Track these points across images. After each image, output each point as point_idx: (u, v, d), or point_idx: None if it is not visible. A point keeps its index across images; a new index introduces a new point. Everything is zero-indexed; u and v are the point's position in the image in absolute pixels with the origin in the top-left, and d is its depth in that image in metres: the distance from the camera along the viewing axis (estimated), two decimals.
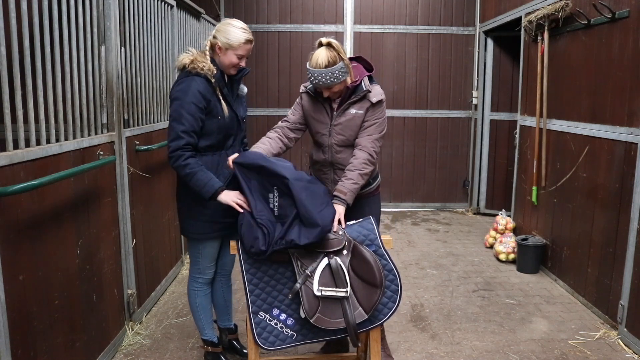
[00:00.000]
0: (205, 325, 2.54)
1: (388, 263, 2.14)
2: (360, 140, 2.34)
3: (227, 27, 2.24)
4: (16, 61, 1.87)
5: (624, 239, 2.90)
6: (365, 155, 2.30)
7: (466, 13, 5.79)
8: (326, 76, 2.20)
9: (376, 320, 2.09)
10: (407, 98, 5.90)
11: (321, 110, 2.40)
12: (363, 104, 2.34)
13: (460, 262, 4.27)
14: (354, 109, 2.34)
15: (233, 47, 2.22)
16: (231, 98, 2.35)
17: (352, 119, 2.34)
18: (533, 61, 4.19)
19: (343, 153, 2.39)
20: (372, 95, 2.33)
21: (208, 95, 2.21)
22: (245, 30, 2.26)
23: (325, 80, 2.21)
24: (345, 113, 2.35)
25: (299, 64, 5.84)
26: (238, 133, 2.41)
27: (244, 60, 2.29)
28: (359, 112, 2.34)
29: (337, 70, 2.21)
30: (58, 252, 2.14)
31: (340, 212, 2.16)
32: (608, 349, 2.83)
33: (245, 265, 2.09)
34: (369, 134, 2.34)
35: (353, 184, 2.26)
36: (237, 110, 2.39)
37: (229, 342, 2.72)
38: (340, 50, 2.24)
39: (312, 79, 2.23)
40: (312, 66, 2.22)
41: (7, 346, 1.76)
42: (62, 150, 2.17)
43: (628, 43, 2.92)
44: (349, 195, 2.23)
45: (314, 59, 2.22)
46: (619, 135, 2.99)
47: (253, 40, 2.31)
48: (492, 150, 5.81)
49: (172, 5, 3.68)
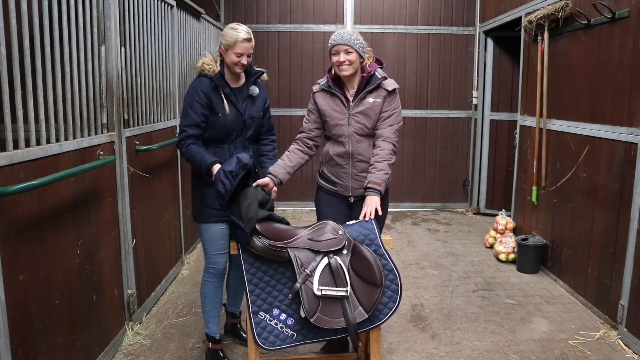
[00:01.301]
0: (209, 318, 2.62)
1: (388, 263, 2.14)
2: (383, 132, 2.39)
3: (225, 30, 2.45)
4: (16, 61, 1.87)
5: (624, 239, 2.90)
6: (390, 146, 2.37)
7: (466, 13, 5.79)
8: (349, 35, 2.33)
9: (376, 320, 2.09)
10: (407, 98, 5.90)
11: (337, 102, 2.45)
12: (379, 93, 2.40)
13: (460, 262, 4.26)
14: (372, 98, 2.40)
15: (230, 46, 2.41)
16: (235, 97, 2.51)
17: (371, 107, 2.40)
18: (533, 61, 4.19)
19: (362, 143, 2.44)
20: (387, 83, 2.41)
21: (210, 94, 2.45)
22: (240, 29, 2.41)
23: (349, 38, 2.32)
24: (363, 102, 2.41)
25: (299, 64, 5.84)
26: (243, 130, 2.55)
27: (244, 58, 2.43)
28: (377, 100, 2.40)
29: (356, 37, 2.35)
30: (58, 252, 2.14)
31: (376, 202, 2.23)
32: (608, 349, 2.83)
33: (245, 265, 2.09)
34: (390, 124, 2.40)
35: (385, 174, 2.32)
36: (244, 109, 2.53)
37: (232, 326, 2.91)
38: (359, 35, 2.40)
39: (335, 36, 2.35)
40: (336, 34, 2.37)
41: (7, 346, 1.76)
42: (62, 150, 2.17)
43: (628, 43, 2.92)
44: (382, 185, 2.30)
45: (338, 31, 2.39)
46: (619, 135, 2.98)
47: (250, 39, 2.43)
48: (492, 150, 5.81)
49: (172, 5, 3.68)
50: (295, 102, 5.85)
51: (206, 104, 2.44)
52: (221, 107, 2.46)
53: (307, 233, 2.12)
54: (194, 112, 2.44)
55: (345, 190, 2.50)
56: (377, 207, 2.22)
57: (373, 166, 2.34)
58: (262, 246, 2.05)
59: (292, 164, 2.48)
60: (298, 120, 5.88)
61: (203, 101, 2.43)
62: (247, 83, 2.56)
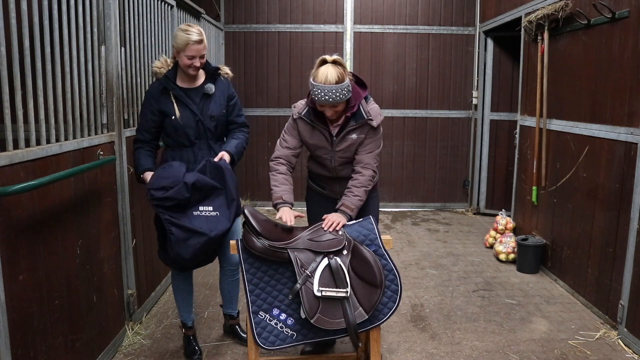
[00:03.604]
0: (180, 306, 2.71)
1: (388, 263, 2.14)
2: (363, 158, 2.35)
3: (176, 32, 2.41)
4: (16, 61, 1.87)
5: (624, 239, 2.90)
6: (369, 173, 2.35)
7: (466, 13, 5.79)
8: (336, 92, 2.14)
9: (376, 320, 2.10)
10: (407, 98, 5.90)
11: (320, 137, 2.37)
12: (364, 129, 2.33)
13: (460, 262, 4.26)
14: (355, 134, 2.33)
15: (181, 49, 2.37)
16: (188, 98, 2.47)
17: (354, 143, 2.34)
18: (533, 61, 4.19)
19: (346, 169, 2.42)
20: (374, 120, 2.31)
21: (160, 97, 2.46)
22: (191, 31, 2.36)
23: (335, 97, 2.15)
24: (346, 138, 2.33)
25: (298, 64, 5.84)
26: (203, 130, 2.50)
27: (196, 60, 2.40)
28: (361, 135, 2.33)
29: (345, 87, 2.17)
30: (58, 252, 2.14)
31: (342, 221, 2.20)
32: (608, 349, 2.83)
33: (245, 265, 2.09)
34: (370, 151, 2.36)
35: (359, 201, 2.32)
36: (200, 108, 2.48)
37: (230, 327, 2.89)
38: (345, 67, 2.22)
39: (321, 95, 2.15)
40: (320, 82, 2.15)
41: (7, 346, 1.76)
42: (62, 150, 2.17)
43: (628, 43, 2.92)
44: (355, 211, 2.30)
45: (321, 75, 2.15)
46: (619, 135, 2.98)
47: (202, 41, 2.38)
48: (492, 150, 5.81)
49: (172, 5, 3.68)
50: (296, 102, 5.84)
51: (157, 110, 2.46)
52: (171, 110, 2.44)
53: (307, 233, 2.12)
54: (144, 117, 2.50)
55: (334, 194, 2.51)
56: (340, 224, 2.17)
57: (350, 190, 2.33)
58: (262, 247, 2.05)
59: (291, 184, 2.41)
60: None
61: (153, 107, 2.46)
62: (204, 82, 2.52)
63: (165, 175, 2.29)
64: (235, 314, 2.89)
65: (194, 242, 2.24)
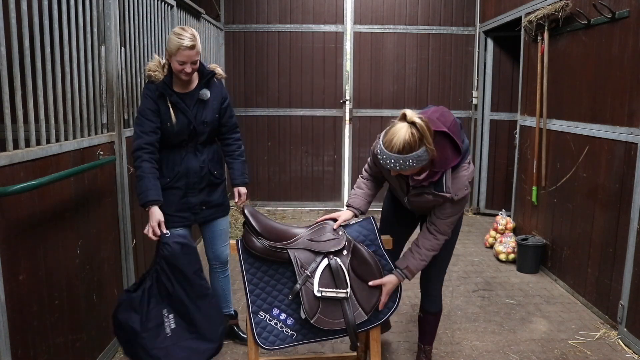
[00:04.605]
0: None
1: (388, 263, 2.14)
2: (439, 224, 2.11)
3: (170, 35, 2.33)
4: (16, 61, 1.87)
5: (624, 239, 2.90)
6: (443, 239, 2.14)
7: (466, 13, 5.79)
8: (397, 162, 1.85)
9: (376, 320, 2.10)
10: (407, 98, 5.90)
11: (396, 181, 2.16)
12: (443, 197, 2.04)
13: (460, 262, 4.26)
14: (432, 197, 2.06)
15: (173, 54, 2.31)
16: (184, 104, 2.43)
17: (429, 202, 2.09)
18: (533, 61, 4.19)
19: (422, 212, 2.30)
20: (455, 194, 2.01)
21: (157, 101, 2.40)
22: (184, 36, 2.28)
23: (396, 167, 1.87)
24: (422, 196, 2.08)
25: (299, 64, 5.84)
26: (194, 136, 2.48)
27: (188, 66, 2.33)
28: (438, 199, 2.06)
29: (414, 158, 1.84)
30: (58, 252, 2.14)
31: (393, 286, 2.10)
32: (608, 349, 2.83)
33: (245, 265, 2.09)
34: (448, 216, 2.10)
35: (423, 264, 2.15)
36: (194, 115, 2.45)
37: (230, 327, 2.85)
38: (426, 133, 1.84)
39: (382, 159, 1.89)
40: (385, 145, 1.87)
41: (7, 346, 1.76)
42: (62, 150, 2.17)
43: (628, 43, 2.92)
44: (414, 274, 2.16)
45: (389, 136, 1.86)
46: (619, 135, 2.99)
47: (194, 46, 2.30)
48: (492, 150, 5.81)
49: (172, 5, 3.68)
50: (295, 103, 5.86)
51: (156, 110, 2.40)
52: (168, 117, 2.40)
53: (307, 234, 2.12)
54: (145, 117, 2.39)
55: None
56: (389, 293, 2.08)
57: (417, 248, 2.13)
58: (262, 247, 2.05)
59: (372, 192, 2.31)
60: (298, 121, 5.89)
61: (153, 107, 2.39)
62: (198, 86, 2.46)
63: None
64: (233, 313, 2.89)
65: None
